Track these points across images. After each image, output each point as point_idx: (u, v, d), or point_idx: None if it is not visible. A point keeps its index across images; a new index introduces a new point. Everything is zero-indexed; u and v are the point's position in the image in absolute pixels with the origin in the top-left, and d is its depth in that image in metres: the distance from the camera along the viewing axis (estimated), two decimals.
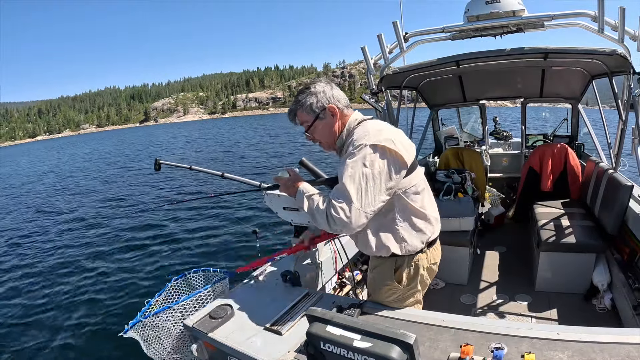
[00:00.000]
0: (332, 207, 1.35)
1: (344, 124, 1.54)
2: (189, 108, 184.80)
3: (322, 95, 1.49)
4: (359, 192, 1.33)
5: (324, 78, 1.59)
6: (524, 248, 3.56)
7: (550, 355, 1.18)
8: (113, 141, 56.81)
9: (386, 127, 1.47)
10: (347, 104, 1.55)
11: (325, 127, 1.52)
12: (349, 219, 1.33)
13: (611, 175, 2.88)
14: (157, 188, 13.30)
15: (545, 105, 6.30)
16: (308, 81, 1.61)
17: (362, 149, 1.36)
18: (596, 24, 2.53)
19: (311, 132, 1.55)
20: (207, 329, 1.56)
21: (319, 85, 1.52)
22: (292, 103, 1.58)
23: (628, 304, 2.19)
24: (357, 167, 1.34)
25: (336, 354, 1.11)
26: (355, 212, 1.33)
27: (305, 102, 1.51)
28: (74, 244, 8.00)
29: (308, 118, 1.52)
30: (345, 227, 1.35)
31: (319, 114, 1.50)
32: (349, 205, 1.33)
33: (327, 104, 1.49)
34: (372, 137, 1.38)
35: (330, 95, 1.50)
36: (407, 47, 3.12)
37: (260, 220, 8.13)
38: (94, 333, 4.52)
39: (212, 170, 2.31)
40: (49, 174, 22.63)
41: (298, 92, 1.56)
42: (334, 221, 1.35)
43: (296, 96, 1.55)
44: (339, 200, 1.34)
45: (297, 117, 1.56)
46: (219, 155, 22.58)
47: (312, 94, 1.50)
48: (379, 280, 1.59)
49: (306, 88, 1.54)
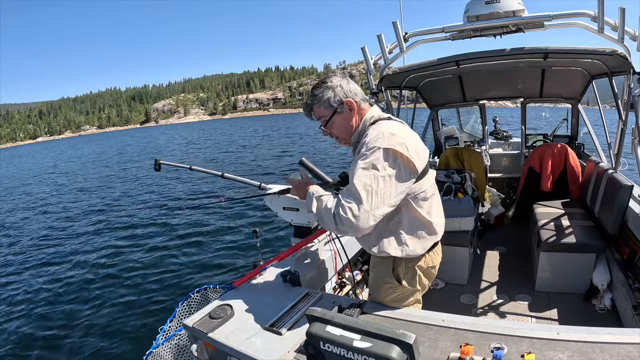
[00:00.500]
0: (340, 207, 1.33)
1: (361, 118, 1.52)
2: (189, 109, 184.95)
3: (339, 89, 1.48)
4: (369, 194, 1.31)
5: (339, 72, 1.59)
6: (524, 248, 3.56)
7: (550, 355, 1.18)
8: (113, 142, 56.80)
9: (401, 130, 1.43)
10: (364, 97, 1.54)
11: (343, 121, 1.52)
12: (356, 219, 1.30)
13: (611, 175, 2.88)
14: (155, 192, 13.28)
15: (546, 105, 6.30)
16: (323, 76, 1.59)
17: (375, 151, 1.34)
18: (596, 24, 2.53)
19: (328, 127, 1.54)
20: (207, 329, 1.55)
21: (335, 79, 1.51)
22: (307, 98, 1.55)
23: (628, 304, 2.19)
24: (369, 169, 1.32)
25: (336, 354, 1.11)
26: (364, 214, 1.30)
27: (322, 96, 1.49)
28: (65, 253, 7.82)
29: (325, 112, 1.51)
30: (352, 227, 1.32)
31: (337, 108, 1.49)
32: (358, 206, 1.30)
33: (345, 98, 1.48)
34: (386, 140, 1.35)
35: (347, 89, 1.49)
36: (407, 47, 3.12)
37: (260, 220, 8.14)
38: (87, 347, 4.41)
39: (212, 171, 2.31)
40: (47, 175, 22.65)
41: (314, 86, 1.54)
42: (341, 221, 1.33)
43: (312, 90, 1.53)
44: (348, 201, 1.32)
45: (313, 112, 1.54)
46: (219, 156, 22.60)
47: (329, 87, 1.48)
48: (379, 279, 1.60)
49: (322, 82, 1.52)
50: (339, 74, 1.55)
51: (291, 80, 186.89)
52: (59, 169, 26.21)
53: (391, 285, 1.56)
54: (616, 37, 2.50)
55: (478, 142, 5.19)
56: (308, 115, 1.58)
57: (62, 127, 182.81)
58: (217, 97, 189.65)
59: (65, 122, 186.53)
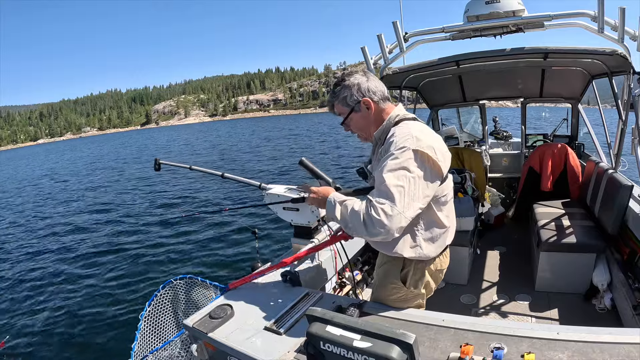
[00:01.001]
0: (372, 208, 1.28)
1: (383, 116, 1.51)
2: (190, 110, 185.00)
3: (355, 88, 1.47)
4: (402, 194, 1.27)
5: (360, 69, 1.57)
6: (524, 248, 3.56)
7: (550, 355, 1.18)
8: (113, 144, 56.86)
9: (428, 132, 1.42)
10: (384, 96, 1.52)
11: (361, 119, 1.52)
12: (389, 220, 1.25)
13: (611, 175, 2.88)
14: (155, 192, 13.29)
15: (546, 105, 6.31)
16: (343, 72, 1.59)
17: (405, 152, 1.32)
18: (596, 24, 2.53)
19: (347, 124, 1.55)
20: (207, 329, 1.55)
21: (353, 77, 1.49)
22: (329, 95, 1.58)
23: (628, 303, 2.19)
24: (400, 169, 1.30)
25: (336, 354, 1.11)
26: (397, 215, 1.26)
27: (340, 94, 1.50)
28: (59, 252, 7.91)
29: (344, 110, 1.52)
30: (384, 229, 1.27)
31: (354, 107, 1.50)
32: (391, 207, 1.26)
33: (362, 97, 1.48)
34: (415, 141, 1.33)
35: (365, 88, 1.48)
36: (407, 47, 3.12)
37: (259, 220, 8.14)
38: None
39: (212, 170, 2.30)
40: (44, 177, 22.66)
41: (334, 83, 1.55)
42: (372, 224, 1.27)
43: (332, 87, 1.54)
44: (380, 201, 1.27)
45: (335, 108, 1.56)
46: (219, 157, 22.61)
47: (347, 87, 1.49)
48: (385, 278, 1.59)
49: (342, 80, 1.52)
50: (360, 70, 1.55)
51: (291, 82, 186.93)
52: (56, 171, 26.22)
53: (395, 286, 1.56)
54: (616, 37, 2.50)
55: (478, 142, 5.20)
56: (331, 111, 1.59)
57: (62, 129, 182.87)
58: (217, 99, 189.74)
59: (66, 124, 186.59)
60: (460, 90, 4.66)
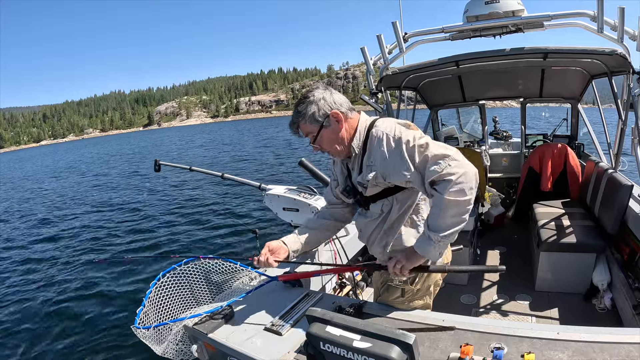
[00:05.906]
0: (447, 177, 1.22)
1: (353, 127, 1.45)
2: (192, 112, 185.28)
3: (322, 102, 1.41)
4: (438, 146, 1.28)
5: (321, 84, 1.50)
6: (524, 248, 3.56)
7: (550, 355, 1.18)
8: (113, 146, 56.93)
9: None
10: (350, 107, 1.46)
11: (332, 134, 1.43)
12: (461, 166, 1.22)
13: (611, 175, 2.88)
14: (156, 192, 13.31)
15: (545, 105, 6.31)
16: (304, 90, 1.51)
17: (404, 135, 1.32)
18: (595, 24, 2.54)
19: (318, 142, 1.46)
20: (207, 330, 1.56)
21: (317, 92, 1.43)
22: (292, 115, 1.48)
23: (628, 303, 2.19)
24: (417, 146, 1.29)
25: (336, 354, 1.11)
26: (459, 157, 1.24)
27: (306, 112, 1.41)
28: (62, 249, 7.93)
29: (312, 128, 1.43)
30: (467, 177, 1.22)
31: (323, 122, 1.41)
32: (452, 160, 1.23)
33: (330, 111, 1.41)
34: (403, 127, 1.38)
35: (331, 101, 1.41)
36: (406, 48, 3.13)
37: (259, 221, 8.14)
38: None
39: (212, 171, 2.32)
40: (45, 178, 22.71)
41: (296, 102, 1.47)
42: (460, 182, 1.21)
43: (295, 107, 1.46)
44: (441, 164, 1.23)
45: (300, 128, 1.47)
46: (219, 157, 22.63)
47: (312, 102, 1.41)
48: (392, 280, 1.58)
49: (304, 97, 1.44)
50: (321, 86, 1.47)
51: (294, 82, 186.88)
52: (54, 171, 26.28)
53: (403, 287, 1.56)
54: (616, 37, 2.51)
55: (478, 142, 5.20)
56: (295, 133, 1.49)
57: (65, 130, 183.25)
58: (219, 100, 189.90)
59: (69, 126, 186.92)
60: (460, 90, 4.66)
